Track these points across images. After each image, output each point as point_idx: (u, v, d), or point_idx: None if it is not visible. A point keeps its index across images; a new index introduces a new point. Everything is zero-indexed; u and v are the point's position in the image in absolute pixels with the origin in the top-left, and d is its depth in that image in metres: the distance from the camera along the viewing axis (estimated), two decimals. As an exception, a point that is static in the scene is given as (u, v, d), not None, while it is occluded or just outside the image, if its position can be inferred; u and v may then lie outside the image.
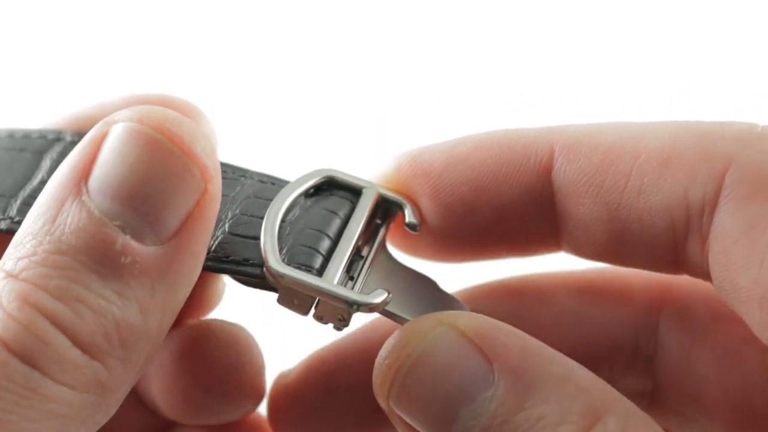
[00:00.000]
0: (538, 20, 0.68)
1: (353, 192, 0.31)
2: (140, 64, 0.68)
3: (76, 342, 0.25)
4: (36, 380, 0.25)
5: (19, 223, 0.28)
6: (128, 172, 0.26)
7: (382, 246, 0.31)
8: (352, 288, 0.30)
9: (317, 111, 0.67)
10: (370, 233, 0.31)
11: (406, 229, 0.31)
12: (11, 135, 0.33)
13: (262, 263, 0.29)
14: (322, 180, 0.31)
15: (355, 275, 0.30)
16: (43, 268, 0.26)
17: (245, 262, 0.29)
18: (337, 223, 0.30)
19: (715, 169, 0.26)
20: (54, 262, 0.26)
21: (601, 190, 0.28)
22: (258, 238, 0.29)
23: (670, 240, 0.27)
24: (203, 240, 0.27)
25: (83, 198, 0.26)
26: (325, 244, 0.30)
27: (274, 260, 0.29)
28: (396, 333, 0.28)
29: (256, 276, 0.29)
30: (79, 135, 0.30)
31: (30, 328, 0.25)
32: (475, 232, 0.31)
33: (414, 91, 0.67)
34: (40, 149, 0.32)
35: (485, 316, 0.27)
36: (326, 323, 0.29)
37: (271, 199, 0.30)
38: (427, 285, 0.31)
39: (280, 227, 0.30)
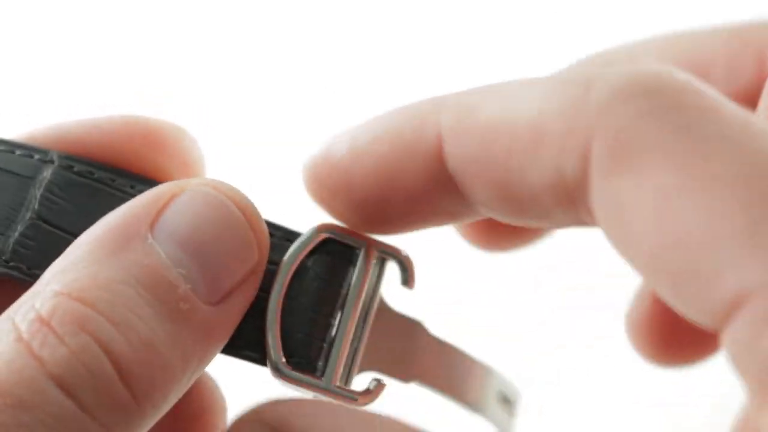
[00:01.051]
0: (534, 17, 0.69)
1: (352, 249, 0.31)
2: (138, 63, 0.68)
3: (123, 377, 0.25)
4: (70, 414, 0.24)
5: (14, 269, 0.29)
6: (198, 229, 0.27)
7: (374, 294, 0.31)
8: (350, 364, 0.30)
9: (317, 112, 0.67)
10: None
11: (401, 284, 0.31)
12: None
13: (263, 350, 0.29)
14: (323, 239, 0.30)
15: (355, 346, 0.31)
16: (104, 292, 0.26)
17: (247, 346, 0.29)
18: (336, 297, 0.30)
19: (578, 141, 0.25)
20: (117, 290, 0.26)
21: (487, 171, 0.27)
22: (259, 317, 0.29)
23: (564, 212, 0.26)
24: (243, 310, 0.28)
25: (150, 240, 0.27)
26: (321, 327, 0.30)
27: (277, 360, 0.29)
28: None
29: (258, 363, 0.29)
30: (69, 158, 0.30)
31: (80, 356, 0.25)
32: (395, 213, 0.30)
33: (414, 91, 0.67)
34: (26, 172, 0.30)
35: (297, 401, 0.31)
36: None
37: (275, 263, 0.30)
38: (420, 334, 0.32)
39: (284, 304, 0.30)
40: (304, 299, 0.30)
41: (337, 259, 0.30)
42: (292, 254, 0.30)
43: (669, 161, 0.23)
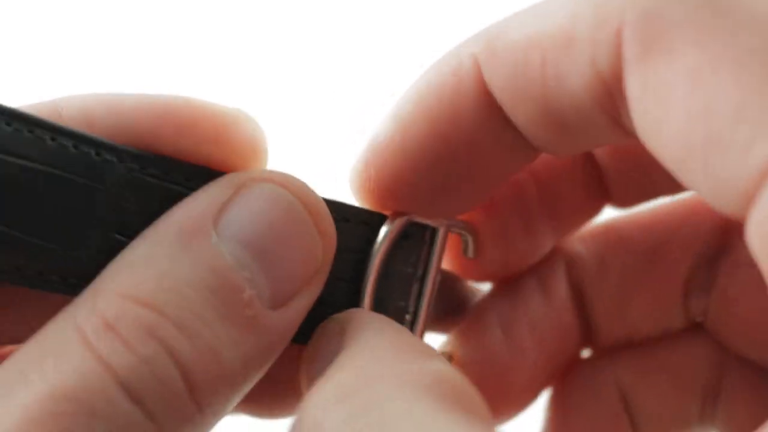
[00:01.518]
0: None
1: (427, 230, 0.31)
2: (140, 62, 0.68)
3: (189, 386, 0.25)
4: (139, 422, 0.24)
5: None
6: (264, 230, 0.26)
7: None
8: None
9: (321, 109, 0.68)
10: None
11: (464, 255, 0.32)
12: (37, 140, 0.26)
13: None
14: (403, 227, 0.30)
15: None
16: (173, 295, 0.25)
17: None
18: (415, 288, 0.31)
19: (609, 33, 0.25)
20: (184, 293, 0.25)
21: (526, 89, 0.27)
22: (330, 305, 0.29)
23: (604, 115, 0.26)
24: (305, 313, 0.27)
25: (214, 239, 0.25)
26: (405, 309, 0.31)
27: None
28: None
29: None
30: (140, 157, 0.27)
31: (149, 364, 0.24)
32: (457, 178, 0.30)
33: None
34: (92, 177, 0.26)
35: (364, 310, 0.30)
36: None
37: (359, 253, 0.29)
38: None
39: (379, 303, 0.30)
40: (389, 282, 0.30)
41: (415, 241, 0.30)
42: (379, 249, 0.29)
43: (698, 38, 0.23)
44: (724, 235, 0.32)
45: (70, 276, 0.26)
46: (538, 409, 0.35)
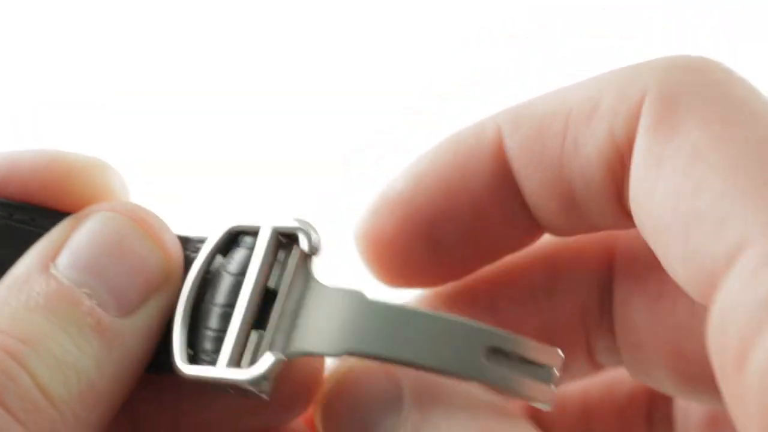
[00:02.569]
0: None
1: (254, 235, 0.30)
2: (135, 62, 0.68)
3: (39, 385, 0.27)
4: (7, 423, 0.26)
5: None
6: (98, 251, 0.29)
7: (300, 275, 0.30)
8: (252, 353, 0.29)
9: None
10: (279, 269, 0.30)
11: (308, 254, 0.30)
12: None
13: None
14: (229, 236, 0.30)
15: (266, 328, 0.29)
16: (15, 321, 0.27)
17: (158, 354, 0.30)
18: (234, 283, 0.30)
19: (630, 106, 0.27)
20: (26, 318, 0.27)
21: (543, 155, 0.29)
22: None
23: (612, 187, 0.28)
24: (160, 318, 0.29)
25: (52, 270, 0.28)
26: (221, 318, 0.29)
27: (178, 363, 0.29)
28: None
29: (171, 372, 0.29)
30: (6, 205, 0.30)
31: (2, 368, 0.26)
32: (459, 243, 0.31)
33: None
34: None
35: None
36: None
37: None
38: (353, 301, 0.29)
39: (198, 306, 0.30)
40: (212, 296, 0.30)
41: (240, 248, 0.30)
42: (200, 256, 0.30)
43: (705, 122, 0.25)
44: (611, 268, 0.33)
45: None
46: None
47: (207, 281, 0.30)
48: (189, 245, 0.30)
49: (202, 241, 0.30)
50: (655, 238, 0.26)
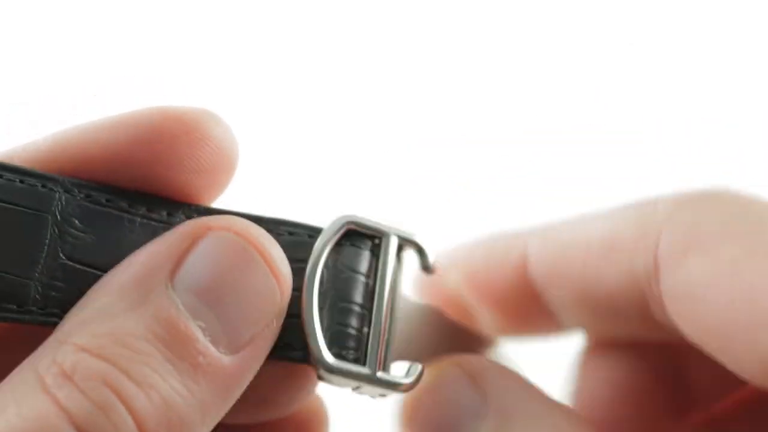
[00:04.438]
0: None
1: (373, 238, 0.31)
2: (137, 62, 0.68)
3: (140, 427, 0.25)
4: None
5: (50, 315, 0.27)
6: (219, 279, 0.27)
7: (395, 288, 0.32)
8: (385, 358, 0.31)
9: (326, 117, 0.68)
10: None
11: (422, 270, 0.32)
12: None
13: (304, 347, 0.29)
14: (345, 231, 0.31)
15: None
16: (125, 350, 0.26)
17: (288, 347, 0.29)
18: (365, 287, 0.30)
19: (648, 242, 0.29)
20: (137, 347, 0.26)
21: (567, 279, 0.32)
22: (295, 316, 0.29)
23: (638, 311, 0.31)
24: (265, 354, 0.28)
25: (169, 291, 0.27)
26: (359, 318, 0.30)
27: (325, 354, 0.29)
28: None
29: (301, 362, 0.29)
30: (80, 184, 0.28)
31: (104, 409, 0.25)
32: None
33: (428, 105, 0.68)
34: (38, 205, 0.28)
35: (485, 358, 0.32)
36: (363, 395, 0.31)
37: (302, 261, 0.30)
38: (436, 318, 0.33)
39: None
40: (335, 292, 0.30)
41: (361, 249, 0.30)
42: (319, 248, 0.30)
43: (732, 239, 0.27)
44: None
45: (27, 303, 0.28)
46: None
47: (323, 275, 0.30)
48: (261, 224, 0.29)
49: (276, 222, 0.30)
50: (716, 346, 0.28)
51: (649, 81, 0.67)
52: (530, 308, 0.34)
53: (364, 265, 0.30)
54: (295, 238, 0.30)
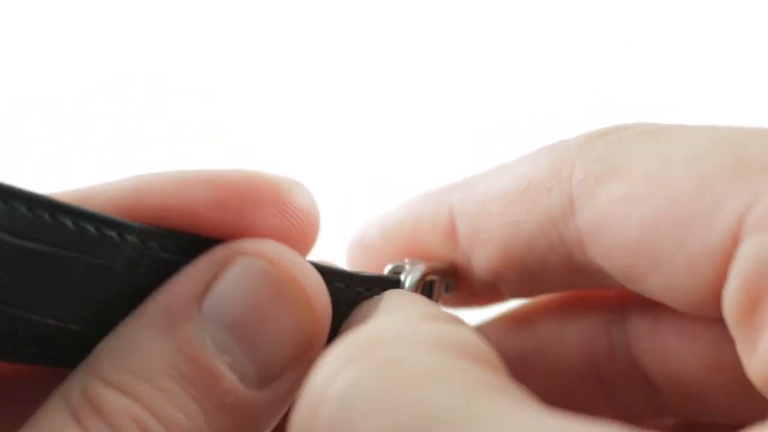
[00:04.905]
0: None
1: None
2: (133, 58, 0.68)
3: None
4: None
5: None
6: (248, 311, 0.26)
7: None
8: None
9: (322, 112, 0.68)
10: None
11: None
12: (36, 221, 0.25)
13: None
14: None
15: None
16: (153, 390, 0.25)
17: None
18: None
19: (562, 178, 0.28)
20: (161, 384, 0.25)
21: (489, 232, 0.30)
22: None
23: (561, 258, 0.29)
24: (297, 387, 0.26)
25: (196, 322, 0.26)
26: None
27: None
28: None
29: None
30: (166, 236, 0.27)
31: None
32: None
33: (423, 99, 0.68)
34: (124, 261, 0.26)
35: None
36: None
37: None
38: None
39: None
40: None
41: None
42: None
43: (643, 158, 0.26)
44: None
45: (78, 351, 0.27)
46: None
47: None
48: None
49: (353, 276, 0.29)
50: (631, 264, 0.26)
51: (649, 81, 0.67)
52: (466, 273, 0.31)
53: None
54: (350, 291, 0.29)
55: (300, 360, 0.27)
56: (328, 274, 0.28)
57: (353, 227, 0.33)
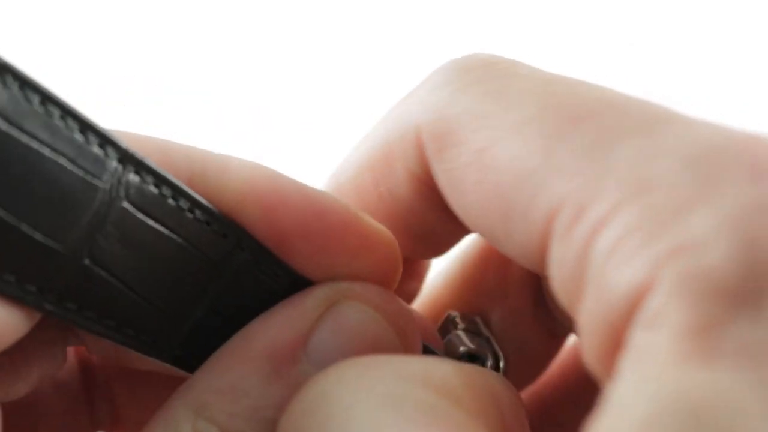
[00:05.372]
0: None
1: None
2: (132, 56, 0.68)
3: None
4: None
5: (181, 361, 0.27)
6: (353, 356, 0.25)
7: None
8: None
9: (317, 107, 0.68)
10: None
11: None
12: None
13: None
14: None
15: None
16: (265, 429, 0.25)
17: None
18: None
19: (411, 141, 0.27)
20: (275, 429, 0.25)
21: (368, 202, 0.30)
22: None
23: (436, 214, 0.29)
24: None
25: (303, 366, 0.26)
26: None
27: None
28: None
29: None
30: (261, 252, 0.26)
31: None
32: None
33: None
34: (216, 256, 0.26)
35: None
36: None
37: None
38: None
39: None
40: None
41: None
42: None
43: (478, 123, 0.25)
44: None
45: (175, 348, 0.26)
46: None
47: None
48: None
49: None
50: (485, 236, 0.26)
51: (649, 81, 0.67)
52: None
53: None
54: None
55: None
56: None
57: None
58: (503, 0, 0.70)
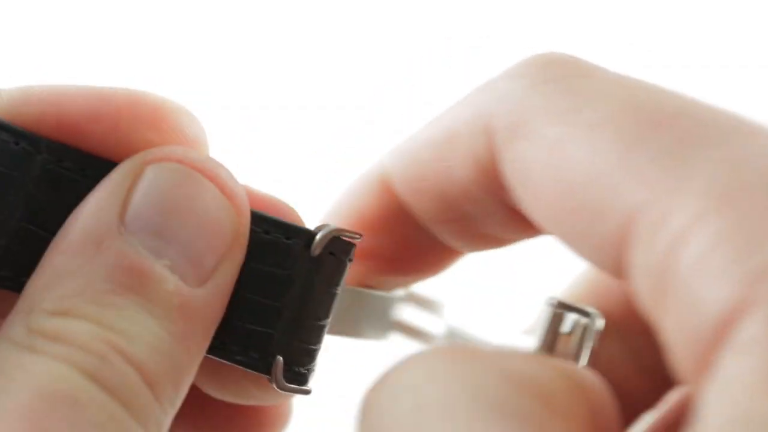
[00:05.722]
0: None
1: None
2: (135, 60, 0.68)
3: (147, 380, 0.25)
4: (118, 414, 0.24)
5: (4, 279, 0.26)
6: (171, 211, 0.26)
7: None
8: None
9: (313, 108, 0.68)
10: None
11: None
12: None
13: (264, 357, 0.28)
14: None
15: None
16: (103, 309, 0.25)
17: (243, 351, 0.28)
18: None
19: (482, 126, 0.28)
20: (108, 302, 0.25)
21: (424, 188, 0.30)
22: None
23: (493, 201, 0.29)
24: (233, 280, 0.27)
25: (124, 236, 0.26)
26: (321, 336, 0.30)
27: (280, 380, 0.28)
28: None
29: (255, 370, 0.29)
30: (60, 150, 0.27)
31: (106, 359, 0.24)
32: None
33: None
34: (10, 166, 0.26)
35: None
36: None
37: (278, 266, 0.28)
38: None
39: None
40: (303, 307, 0.28)
41: (345, 261, 0.29)
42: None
43: (553, 119, 0.25)
44: None
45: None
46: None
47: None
48: (262, 224, 0.28)
49: (277, 224, 0.28)
50: (553, 231, 0.26)
51: (649, 81, 0.67)
52: (415, 240, 0.31)
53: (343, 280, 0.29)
54: (271, 237, 0.28)
55: (230, 251, 0.27)
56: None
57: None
58: (503, 0, 0.70)
